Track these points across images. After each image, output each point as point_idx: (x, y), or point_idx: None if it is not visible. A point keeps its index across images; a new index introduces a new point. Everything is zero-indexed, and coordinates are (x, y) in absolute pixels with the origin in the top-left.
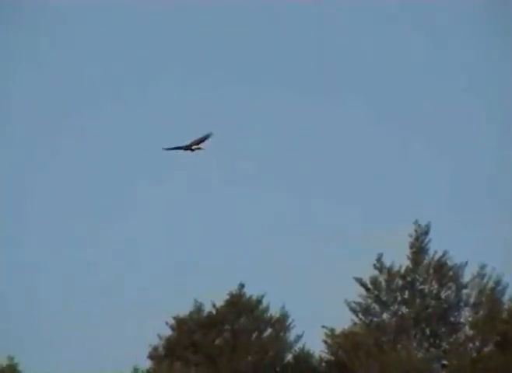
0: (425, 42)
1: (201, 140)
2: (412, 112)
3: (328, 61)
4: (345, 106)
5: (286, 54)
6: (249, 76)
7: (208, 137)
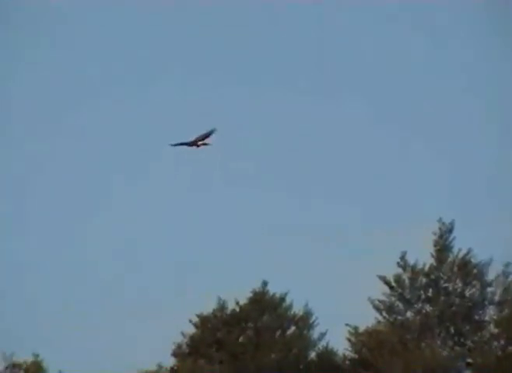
0: (425, 42)
1: (205, 135)
2: (412, 112)
3: (328, 61)
4: (345, 106)
5: (286, 54)
6: (249, 76)
7: (212, 132)
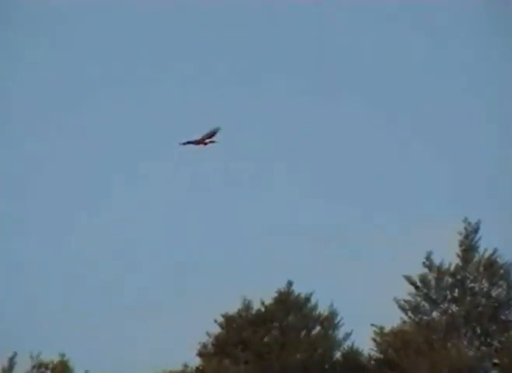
0: (425, 42)
1: (211, 134)
2: (412, 112)
3: (328, 61)
4: (345, 106)
5: (286, 54)
6: (249, 76)
7: (217, 130)
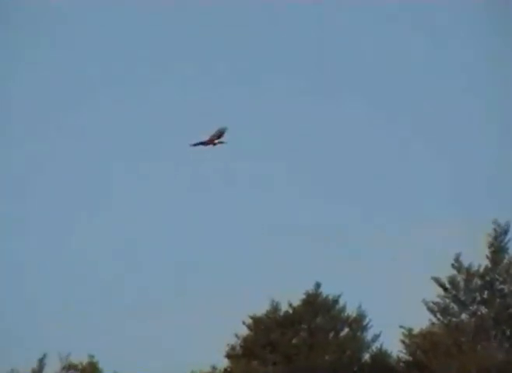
0: (425, 42)
1: (219, 134)
2: (412, 112)
3: (328, 61)
4: (345, 106)
5: (286, 54)
6: (249, 76)
7: (224, 130)
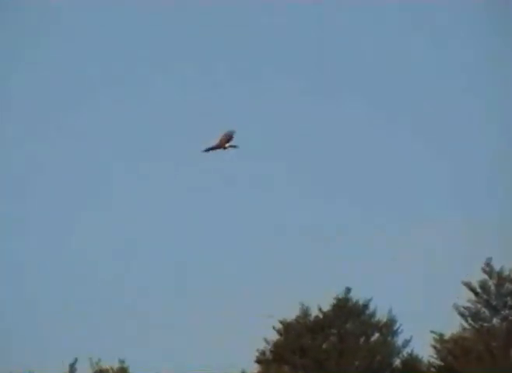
0: (425, 42)
1: (228, 138)
2: (412, 112)
3: (328, 61)
4: (345, 106)
5: (286, 54)
6: (249, 76)
7: (232, 134)
